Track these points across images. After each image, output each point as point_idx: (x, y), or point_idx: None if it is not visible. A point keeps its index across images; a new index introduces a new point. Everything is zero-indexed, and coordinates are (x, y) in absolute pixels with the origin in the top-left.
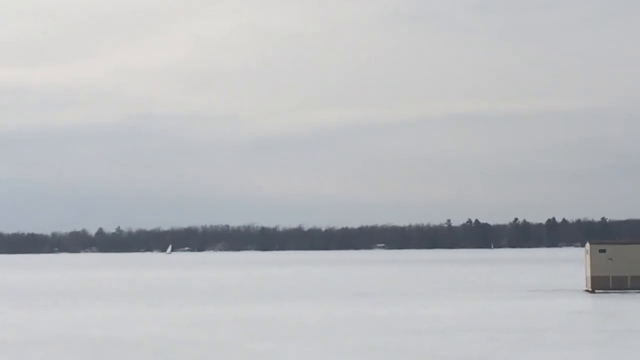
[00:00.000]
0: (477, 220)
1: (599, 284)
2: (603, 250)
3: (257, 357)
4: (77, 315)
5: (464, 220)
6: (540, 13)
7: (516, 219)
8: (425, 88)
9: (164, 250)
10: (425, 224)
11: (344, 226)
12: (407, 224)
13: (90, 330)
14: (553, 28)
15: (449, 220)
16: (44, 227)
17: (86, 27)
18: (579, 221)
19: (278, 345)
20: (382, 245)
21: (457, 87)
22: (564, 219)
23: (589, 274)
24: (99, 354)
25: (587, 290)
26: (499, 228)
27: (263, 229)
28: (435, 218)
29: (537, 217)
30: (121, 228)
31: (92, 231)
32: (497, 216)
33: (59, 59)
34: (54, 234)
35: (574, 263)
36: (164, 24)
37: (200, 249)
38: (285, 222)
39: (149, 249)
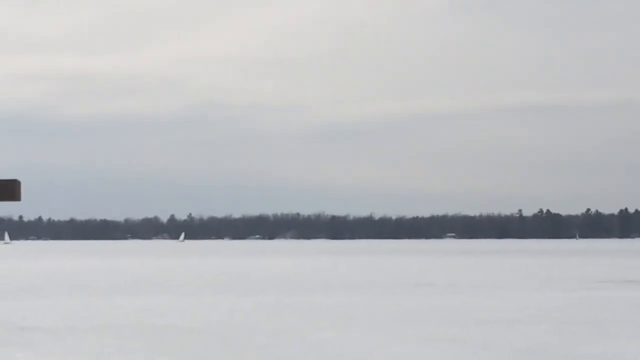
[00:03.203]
0: (548, 211)
1: None
2: None
3: (321, 346)
4: (141, 303)
5: (535, 211)
6: (613, 1)
7: (588, 209)
8: (497, 77)
9: (237, 237)
10: (496, 213)
11: (415, 215)
12: (477, 214)
13: (153, 318)
14: (628, 17)
15: (520, 210)
16: (117, 214)
17: (152, 15)
18: None
19: (342, 334)
20: (452, 234)
21: (531, 77)
22: (636, 210)
23: None
24: (161, 341)
25: None
26: (570, 218)
27: (333, 217)
28: (506, 208)
29: (610, 207)
30: (192, 215)
31: (164, 218)
32: (568, 206)
33: (125, 47)
34: (126, 220)
35: None
36: (230, 12)
37: (271, 237)
38: (355, 210)
39: (220, 236)
